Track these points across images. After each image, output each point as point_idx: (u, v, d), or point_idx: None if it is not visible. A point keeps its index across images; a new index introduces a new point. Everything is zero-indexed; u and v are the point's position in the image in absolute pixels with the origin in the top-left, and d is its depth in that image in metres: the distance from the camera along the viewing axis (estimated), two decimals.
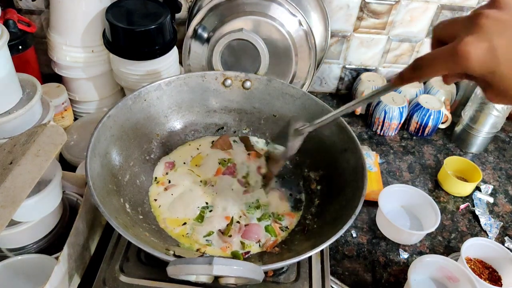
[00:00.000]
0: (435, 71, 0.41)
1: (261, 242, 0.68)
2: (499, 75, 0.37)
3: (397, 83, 0.48)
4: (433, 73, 0.42)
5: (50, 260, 0.65)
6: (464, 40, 0.37)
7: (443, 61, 0.40)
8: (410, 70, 0.44)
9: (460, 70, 0.39)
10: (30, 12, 1.05)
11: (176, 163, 0.79)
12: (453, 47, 0.38)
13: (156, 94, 0.77)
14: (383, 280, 0.77)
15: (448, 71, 0.40)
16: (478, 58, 0.37)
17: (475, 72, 0.38)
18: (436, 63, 0.40)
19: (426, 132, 1.08)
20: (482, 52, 0.37)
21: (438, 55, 0.40)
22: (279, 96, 0.81)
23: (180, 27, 1.08)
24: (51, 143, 0.62)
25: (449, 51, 0.39)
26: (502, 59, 0.36)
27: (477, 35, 0.37)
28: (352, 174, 0.68)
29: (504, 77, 0.37)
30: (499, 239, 0.86)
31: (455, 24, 0.41)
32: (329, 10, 1.02)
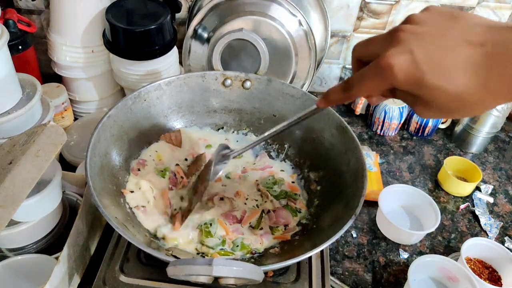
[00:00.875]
0: (365, 90, 0.42)
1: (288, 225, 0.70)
2: (425, 86, 0.37)
3: (323, 105, 0.49)
4: (363, 93, 0.42)
5: (50, 260, 0.65)
6: (386, 54, 0.38)
7: (370, 79, 0.40)
8: (339, 91, 0.45)
9: (388, 85, 0.39)
10: (30, 12, 1.05)
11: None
12: (377, 63, 0.38)
13: (156, 94, 0.77)
14: (383, 280, 0.77)
15: (377, 88, 0.40)
16: (402, 70, 0.37)
17: (402, 85, 0.38)
18: (364, 82, 0.41)
19: (426, 132, 1.08)
20: (405, 63, 0.37)
21: (365, 74, 0.41)
22: (279, 96, 0.81)
23: (180, 27, 1.08)
24: (51, 143, 0.62)
25: (374, 68, 0.39)
26: (426, 69, 0.36)
27: (397, 48, 0.37)
28: (352, 174, 0.68)
29: (429, 88, 0.37)
30: (499, 239, 0.86)
31: (373, 43, 0.41)
32: (329, 10, 1.02)
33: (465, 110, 0.38)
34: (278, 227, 0.70)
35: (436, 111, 0.39)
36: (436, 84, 0.37)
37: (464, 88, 0.36)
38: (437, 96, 0.37)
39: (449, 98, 0.37)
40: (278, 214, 0.71)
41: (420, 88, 0.38)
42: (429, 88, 0.37)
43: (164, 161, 0.77)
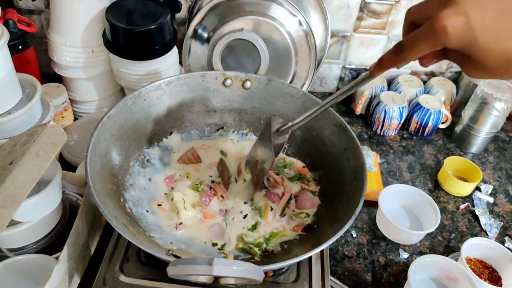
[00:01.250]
0: (416, 51, 0.42)
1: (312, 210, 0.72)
2: (477, 47, 0.38)
3: (377, 71, 0.49)
4: (415, 54, 0.43)
5: (50, 260, 0.65)
6: (440, 15, 0.38)
7: (423, 40, 0.41)
8: (391, 54, 0.45)
9: (440, 46, 0.40)
10: (30, 12, 1.05)
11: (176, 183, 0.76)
12: (431, 24, 0.39)
13: (156, 94, 0.77)
14: (383, 280, 0.77)
15: (429, 49, 0.41)
16: (455, 32, 0.38)
17: (454, 46, 0.39)
18: (416, 43, 0.41)
19: (426, 132, 1.08)
20: (459, 25, 0.38)
21: (417, 35, 0.41)
22: (279, 96, 0.81)
23: (180, 27, 1.08)
24: (51, 143, 0.62)
25: (427, 29, 0.40)
26: (478, 30, 0.38)
27: (452, 9, 0.38)
28: (352, 174, 0.68)
29: (481, 49, 0.38)
30: (499, 239, 0.86)
31: (428, 5, 0.42)
32: (329, 10, 1.02)
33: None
34: (302, 213, 0.71)
35: (486, 71, 0.40)
36: (489, 45, 0.38)
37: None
38: (488, 57, 0.39)
39: (499, 60, 0.38)
40: (303, 198, 0.72)
41: (472, 49, 0.39)
42: (481, 49, 0.38)
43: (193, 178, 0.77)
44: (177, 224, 0.68)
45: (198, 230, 0.69)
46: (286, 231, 0.69)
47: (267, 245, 0.67)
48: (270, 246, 0.67)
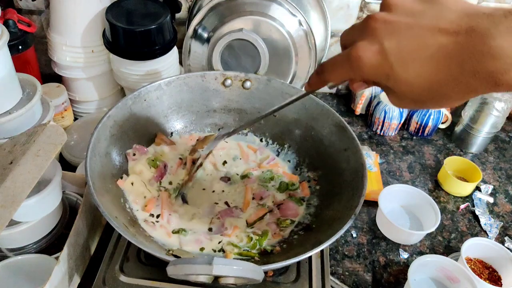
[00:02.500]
0: (335, 76, 0.42)
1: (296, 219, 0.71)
2: (394, 77, 0.36)
3: (307, 88, 0.48)
4: (334, 79, 0.42)
5: (50, 260, 0.65)
6: (356, 45, 0.37)
7: (340, 66, 0.40)
8: (315, 75, 0.44)
9: (357, 75, 0.39)
10: (30, 12, 1.05)
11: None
12: (348, 53, 0.38)
13: (156, 94, 0.77)
14: (383, 280, 0.77)
15: (347, 76, 0.40)
16: (370, 62, 0.36)
17: (370, 77, 0.38)
18: (335, 69, 0.41)
19: (426, 132, 1.08)
20: (373, 56, 0.36)
21: (336, 61, 0.41)
22: (279, 96, 0.81)
23: (180, 27, 1.08)
24: (51, 143, 0.62)
25: (344, 56, 0.39)
26: (394, 61, 0.36)
27: (368, 39, 0.37)
28: (352, 174, 0.68)
29: (399, 79, 0.36)
30: (499, 239, 0.86)
31: (353, 30, 0.41)
32: (329, 10, 1.02)
33: (437, 102, 0.37)
34: (287, 219, 0.71)
35: (409, 101, 0.38)
36: (405, 76, 0.36)
37: (433, 80, 0.35)
38: (406, 88, 0.37)
39: (419, 90, 0.36)
40: (285, 207, 0.72)
41: (389, 80, 0.37)
42: (398, 81, 0.36)
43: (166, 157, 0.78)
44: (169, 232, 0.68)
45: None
46: (269, 234, 0.69)
47: (260, 245, 0.67)
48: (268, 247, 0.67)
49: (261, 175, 0.78)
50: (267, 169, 0.79)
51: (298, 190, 0.76)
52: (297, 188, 0.76)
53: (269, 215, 0.72)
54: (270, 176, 0.77)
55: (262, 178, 0.77)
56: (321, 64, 0.43)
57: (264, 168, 0.79)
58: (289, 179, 0.78)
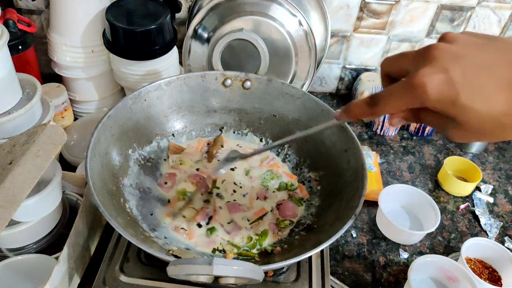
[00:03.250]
0: (392, 107, 0.40)
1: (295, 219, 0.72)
2: (459, 106, 0.36)
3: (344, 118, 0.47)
4: (389, 110, 0.41)
5: (50, 260, 0.65)
6: (419, 72, 0.36)
7: (400, 96, 0.38)
8: (364, 106, 0.42)
9: (418, 104, 0.37)
10: (30, 12, 1.05)
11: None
12: (409, 81, 0.37)
13: (156, 94, 0.77)
14: (383, 280, 0.77)
15: (406, 106, 0.39)
16: (436, 89, 0.36)
17: (435, 104, 0.37)
18: (393, 98, 0.39)
19: (426, 132, 1.08)
20: (439, 83, 0.35)
21: (394, 91, 0.39)
22: (279, 96, 0.81)
23: (180, 27, 1.08)
24: (51, 143, 0.62)
25: (405, 85, 0.37)
26: (460, 88, 0.35)
27: (431, 66, 0.36)
28: (352, 174, 0.68)
29: (464, 108, 0.36)
30: (499, 239, 0.86)
31: (404, 59, 0.40)
32: (329, 10, 1.02)
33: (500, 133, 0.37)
34: (285, 220, 0.71)
35: (469, 133, 0.38)
36: (471, 104, 0.35)
37: (503, 109, 0.35)
38: (471, 117, 0.36)
39: (484, 120, 0.36)
40: (284, 207, 0.72)
41: (454, 108, 0.36)
42: (464, 109, 0.36)
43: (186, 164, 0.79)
44: (177, 227, 0.68)
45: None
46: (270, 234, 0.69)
47: (260, 246, 0.67)
48: (269, 247, 0.67)
49: (261, 175, 0.78)
50: (267, 169, 0.79)
51: (298, 191, 0.77)
52: (296, 188, 0.77)
53: (270, 214, 0.72)
54: (270, 177, 0.78)
55: (262, 178, 0.78)
56: (372, 96, 0.41)
57: (264, 167, 0.80)
58: (288, 178, 0.78)
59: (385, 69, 0.43)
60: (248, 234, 0.69)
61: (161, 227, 0.68)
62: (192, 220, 0.70)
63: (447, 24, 1.08)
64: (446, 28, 1.08)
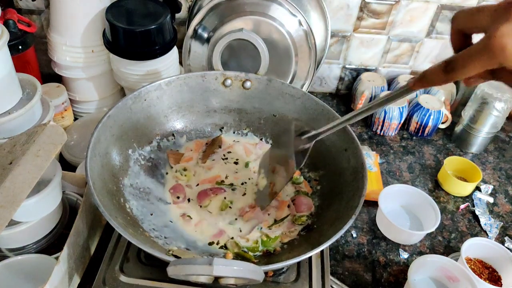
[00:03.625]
0: (469, 71, 0.38)
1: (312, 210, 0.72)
2: None
3: (419, 86, 0.45)
4: (467, 74, 0.39)
5: (50, 260, 0.65)
6: (497, 32, 0.34)
7: (477, 59, 0.37)
8: (439, 72, 0.41)
9: (497, 65, 0.36)
10: (30, 12, 1.05)
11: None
12: (487, 43, 0.36)
13: (156, 94, 0.77)
14: (383, 280, 0.77)
15: (484, 69, 0.37)
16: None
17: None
18: (470, 63, 0.38)
19: (426, 132, 1.08)
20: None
21: (471, 54, 0.37)
22: (279, 96, 0.81)
23: (180, 27, 1.08)
24: (51, 143, 0.62)
25: (482, 46, 0.36)
26: None
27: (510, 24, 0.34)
28: (352, 174, 0.68)
29: None
30: (499, 239, 0.86)
31: (482, 13, 0.38)
32: (329, 10, 1.02)
33: None
34: (303, 216, 0.71)
35: None
36: None
37: None
38: None
39: None
40: (299, 202, 0.73)
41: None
42: None
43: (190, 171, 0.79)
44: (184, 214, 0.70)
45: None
46: (283, 235, 0.69)
47: (264, 247, 0.67)
48: (271, 247, 0.67)
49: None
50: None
51: (302, 185, 0.77)
52: (301, 183, 0.77)
53: (287, 210, 0.73)
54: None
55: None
56: (449, 60, 0.40)
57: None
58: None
59: (458, 24, 0.40)
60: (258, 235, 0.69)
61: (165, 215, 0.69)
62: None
63: (447, 24, 1.08)
64: (446, 28, 1.08)
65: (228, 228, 0.69)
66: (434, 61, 1.15)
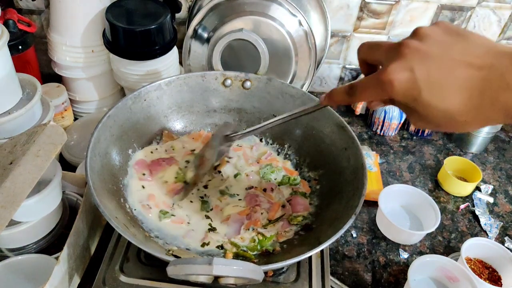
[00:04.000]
0: (365, 97, 0.44)
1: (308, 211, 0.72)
2: (420, 101, 0.40)
3: (326, 103, 0.51)
4: (364, 99, 0.45)
5: (50, 260, 0.65)
6: (388, 69, 0.40)
7: (372, 88, 0.43)
8: (343, 93, 0.47)
9: (387, 96, 0.41)
10: (30, 12, 1.05)
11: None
12: (379, 76, 0.41)
13: (156, 94, 0.77)
14: (383, 280, 0.77)
15: (377, 97, 0.43)
16: (401, 86, 0.39)
17: (400, 98, 0.41)
18: (366, 90, 0.44)
19: (426, 132, 1.08)
20: (404, 81, 0.39)
21: (367, 84, 0.43)
22: (279, 96, 0.81)
23: (180, 27, 1.08)
24: (51, 143, 0.62)
25: (376, 80, 0.41)
26: (423, 87, 0.39)
27: (399, 63, 0.39)
28: (352, 174, 0.68)
29: (425, 104, 0.39)
30: (499, 239, 0.86)
31: (378, 50, 0.43)
32: (329, 10, 1.02)
33: (455, 127, 0.41)
34: (299, 216, 0.71)
35: (428, 124, 0.42)
36: (430, 102, 0.39)
37: (457, 108, 0.39)
38: (430, 112, 0.40)
39: (441, 115, 0.40)
40: (295, 202, 0.73)
41: (416, 103, 0.40)
42: (424, 105, 0.40)
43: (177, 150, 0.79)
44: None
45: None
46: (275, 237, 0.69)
47: (261, 246, 0.67)
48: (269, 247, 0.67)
49: (261, 170, 0.78)
50: (266, 164, 0.79)
51: (300, 185, 0.77)
52: (298, 183, 0.77)
53: (281, 210, 0.72)
54: (271, 170, 0.78)
55: (263, 173, 0.78)
56: (351, 85, 0.46)
57: (263, 162, 0.80)
58: (289, 174, 0.79)
59: (362, 56, 0.47)
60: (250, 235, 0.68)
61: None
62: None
63: None
64: None
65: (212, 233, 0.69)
66: None
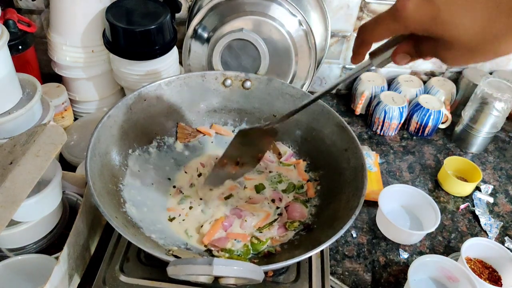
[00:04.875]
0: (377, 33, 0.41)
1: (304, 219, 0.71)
2: (441, 21, 0.36)
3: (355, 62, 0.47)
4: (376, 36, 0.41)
5: (50, 260, 0.65)
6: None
7: (383, 21, 0.40)
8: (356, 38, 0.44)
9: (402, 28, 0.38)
10: (30, 12, 1.05)
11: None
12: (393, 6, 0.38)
13: (156, 94, 0.77)
14: (383, 280, 0.77)
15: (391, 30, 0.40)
16: (416, 8, 0.36)
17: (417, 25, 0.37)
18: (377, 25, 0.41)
19: (426, 132, 1.08)
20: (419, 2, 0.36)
21: (378, 17, 0.40)
22: (279, 96, 0.81)
23: (180, 27, 1.08)
24: (51, 143, 0.62)
25: (387, 11, 0.39)
26: (440, 4, 0.36)
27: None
28: (352, 174, 0.68)
29: (447, 24, 0.36)
30: (499, 239, 0.86)
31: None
32: (329, 10, 1.02)
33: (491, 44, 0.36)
34: (295, 222, 0.70)
35: (460, 52, 0.38)
36: (453, 19, 0.36)
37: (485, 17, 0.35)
38: (455, 32, 0.36)
39: (472, 32, 0.36)
40: (292, 209, 0.72)
41: (437, 26, 0.37)
42: (446, 25, 0.36)
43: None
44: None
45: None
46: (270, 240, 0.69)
47: (255, 250, 0.67)
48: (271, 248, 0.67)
49: (269, 176, 0.78)
50: (275, 172, 0.79)
51: (304, 191, 0.76)
52: (304, 192, 0.76)
53: (272, 216, 0.72)
54: (278, 180, 0.78)
55: (270, 180, 0.78)
56: (360, 26, 0.43)
57: (286, 163, 0.80)
58: (300, 178, 0.78)
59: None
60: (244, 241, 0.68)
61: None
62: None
63: None
64: None
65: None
66: (434, 60, 1.15)
